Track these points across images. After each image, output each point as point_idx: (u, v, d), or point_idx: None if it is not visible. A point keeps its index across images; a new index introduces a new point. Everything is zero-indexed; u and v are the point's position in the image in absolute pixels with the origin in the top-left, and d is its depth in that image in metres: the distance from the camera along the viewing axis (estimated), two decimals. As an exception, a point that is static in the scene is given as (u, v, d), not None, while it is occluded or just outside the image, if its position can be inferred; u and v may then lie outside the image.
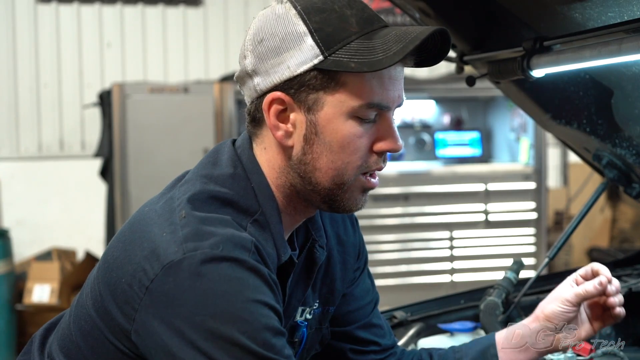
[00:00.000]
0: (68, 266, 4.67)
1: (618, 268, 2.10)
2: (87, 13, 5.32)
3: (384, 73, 1.14)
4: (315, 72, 1.13)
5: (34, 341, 1.35)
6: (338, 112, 1.14)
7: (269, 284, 1.10)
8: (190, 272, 1.05)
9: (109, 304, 1.14)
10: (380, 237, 4.35)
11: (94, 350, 1.18)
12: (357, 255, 1.45)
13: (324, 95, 1.14)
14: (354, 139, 1.15)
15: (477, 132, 4.79)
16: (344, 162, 1.16)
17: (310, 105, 1.15)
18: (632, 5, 1.32)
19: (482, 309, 1.77)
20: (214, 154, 1.25)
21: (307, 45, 1.12)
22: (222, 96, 4.26)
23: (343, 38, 1.12)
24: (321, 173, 1.17)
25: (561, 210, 5.45)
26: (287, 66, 1.14)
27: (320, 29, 1.12)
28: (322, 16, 1.13)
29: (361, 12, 1.15)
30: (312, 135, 1.16)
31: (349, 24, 1.13)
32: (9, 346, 4.25)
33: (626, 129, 1.81)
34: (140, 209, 1.24)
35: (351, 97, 1.14)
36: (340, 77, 1.13)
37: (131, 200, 4.17)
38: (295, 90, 1.15)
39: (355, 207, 1.22)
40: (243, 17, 5.48)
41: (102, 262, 1.20)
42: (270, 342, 1.06)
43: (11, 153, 5.24)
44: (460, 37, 1.80)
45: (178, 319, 1.05)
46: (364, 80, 1.13)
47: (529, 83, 1.81)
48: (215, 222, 1.11)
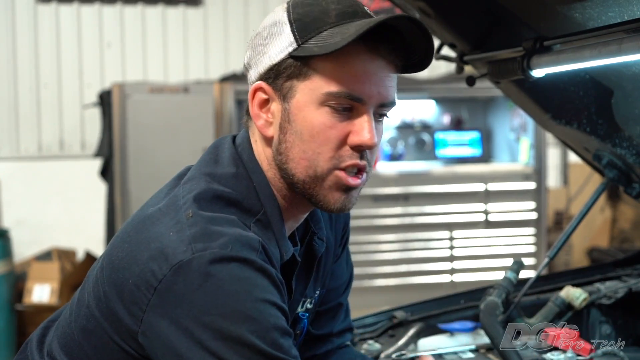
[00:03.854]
0: (68, 266, 4.67)
1: (618, 268, 2.10)
2: (87, 13, 5.32)
3: (356, 64, 1.14)
4: (290, 60, 1.15)
5: (30, 341, 1.34)
6: (309, 99, 1.15)
7: (276, 283, 1.11)
8: (200, 271, 1.05)
9: (115, 304, 1.13)
10: (380, 237, 4.35)
11: (97, 349, 1.18)
12: (342, 233, 1.46)
13: (297, 83, 1.16)
14: (324, 128, 1.15)
15: (477, 132, 4.79)
16: (315, 152, 1.16)
17: (285, 94, 1.17)
18: (632, 5, 1.32)
19: (482, 309, 1.77)
20: (214, 150, 1.25)
21: (285, 34, 1.15)
22: (222, 96, 4.26)
23: (317, 27, 1.14)
24: (294, 163, 1.17)
25: (561, 210, 5.45)
26: (268, 56, 1.17)
27: (300, 19, 1.15)
28: (306, 9, 1.16)
29: (347, 7, 1.16)
30: (285, 124, 1.17)
31: (328, 16, 1.15)
32: (9, 346, 4.25)
33: (626, 129, 1.81)
34: (142, 208, 1.24)
35: (321, 84, 1.14)
36: (312, 65, 1.14)
37: (131, 200, 4.17)
38: (273, 79, 1.17)
39: (334, 205, 1.19)
40: (243, 17, 5.48)
41: (106, 262, 1.19)
42: (278, 342, 1.06)
43: (11, 153, 5.24)
44: (460, 37, 1.80)
45: (187, 319, 1.05)
46: (334, 68, 1.14)
47: (529, 83, 1.81)
48: (223, 222, 1.11)
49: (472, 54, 1.79)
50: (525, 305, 1.88)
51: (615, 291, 1.87)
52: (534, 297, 1.94)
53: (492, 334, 1.68)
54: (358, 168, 1.18)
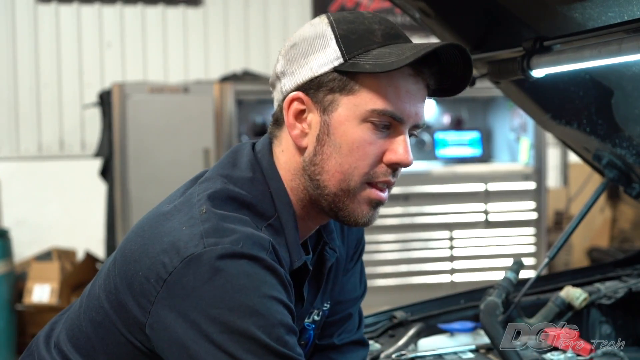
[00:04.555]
0: (68, 266, 4.67)
1: (618, 268, 2.10)
2: (87, 13, 5.33)
3: (400, 84, 1.16)
4: (335, 73, 1.17)
5: (38, 338, 1.35)
6: (352, 115, 1.16)
7: (284, 283, 1.12)
8: (210, 265, 1.06)
9: (124, 296, 1.14)
10: (380, 237, 4.35)
11: (104, 341, 1.19)
12: (355, 247, 1.47)
13: (340, 97, 1.17)
14: (363, 144, 1.17)
15: (477, 132, 4.79)
16: (351, 167, 1.17)
17: (326, 106, 1.18)
18: (632, 5, 1.32)
19: (482, 309, 1.77)
20: (233, 154, 1.26)
21: (331, 48, 1.17)
22: (222, 96, 4.26)
23: (365, 45, 1.16)
24: (329, 175, 1.19)
25: (561, 210, 5.45)
26: (310, 67, 1.18)
27: (346, 35, 1.17)
28: (350, 26, 1.18)
29: (389, 29, 1.19)
30: (324, 136, 1.18)
31: (374, 35, 1.17)
32: (9, 346, 4.25)
33: (626, 129, 1.81)
34: (158, 206, 1.25)
35: (366, 101, 1.16)
36: (358, 80, 1.16)
37: (131, 200, 4.17)
38: (315, 91, 1.18)
39: (361, 220, 1.21)
40: (243, 17, 5.48)
41: (119, 256, 1.20)
42: (284, 338, 1.07)
43: (11, 153, 5.24)
44: (460, 37, 1.80)
45: (195, 311, 1.06)
46: (380, 85, 1.15)
47: (529, 83, 1.81)
48: (235, 220, 1.13)
49: (472, 54, 1.79)
50: (525, 305, 1.88)
51: (615, 291, 1.87)
52: (534, 297, 1.94)
53: (492, 334, 1.68)
54: (388, 184, 1.21)
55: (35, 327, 4.28)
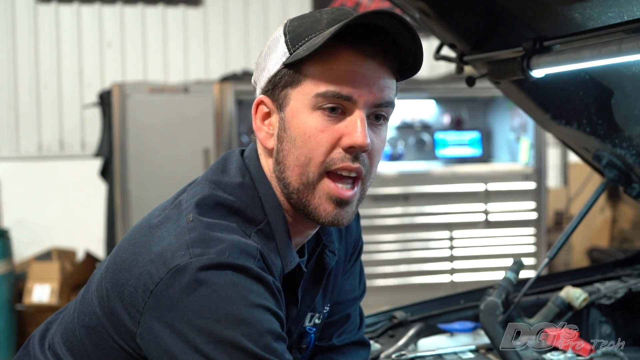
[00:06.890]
0: (68, 266, 4.67)
1: (618, 268, 2.10)
2: (87, 13, 5.32)
3: (344, 65, 1.14)
4: (285, 69, 1.17)
5: (33, 337, 1.35)
6: (301, 105, 1.16)
7: (272, 291, 1.11)
8: (196, 276, 1.06)
9: (115, 305, 1.15)
10: (380, 237, 4.35)
11: (98, 346, 1.19)
12: (353, 248, 1.46)
13: (291, 91, 1.18)
14: (315, 132, 1.15)
15: (477, 132, 4.79)
16: (307, 158, 1.16)
17: (281, 103, 1.19)
18: (632, 5, 1.32)
19: (482, 309, 1.77)
20: (223, 162, 1.26)
21: (280, 46, 1.18)
22: (222, 96, 4.26)
23: (308, 35, 1.16)
24: (290, 171, 1.18)
25: (561, 210, 5.45)
26: (267, 69, 1.20)
27: (293, 30, 1.18)
28: (300, 21, 1.19)
29: (339, 15, 1.17)
30: (282, 133, 1.19)
31: (319, 24, 1.17)
32: (9, 346, 4.25)
33: (626, 129, 1.81)
34: (150, 212, 1.25)
35: (311, 88, 1.15)
36: (303, 71, 1.16)
37: (131, 200, 4.17)
38: (272, 91, 1.20)
39: (325, 218, 1.18)
40: (243, 17, 5.48)
41: (111, 262, 1.20)
42: (271, 346, 1.06)
43: (11, 153, 5.24)
44: (460, 37, 1.80)
45: (181, 322, 1.06)
46: (322, 70, 1.15)
47: (529, 83, 1.81)
48: (222, 228, 1.12)
49: (472, 54, 1.79)
50: (525, 305, 1.88)
51: (615, 291, 1.87)
52: (534, 297, 1.94)
53: (492, 334, 1.68)
54: (347, 170, 1.16)
55: (35, 327, 4.26)
